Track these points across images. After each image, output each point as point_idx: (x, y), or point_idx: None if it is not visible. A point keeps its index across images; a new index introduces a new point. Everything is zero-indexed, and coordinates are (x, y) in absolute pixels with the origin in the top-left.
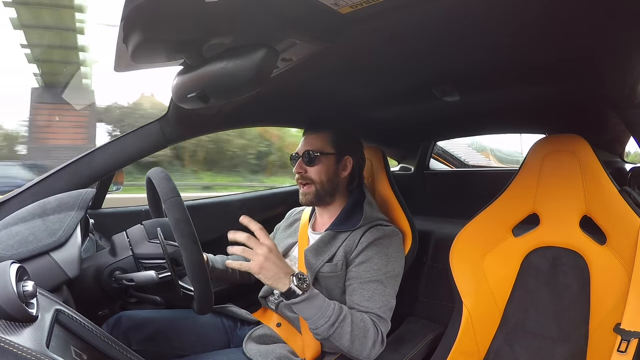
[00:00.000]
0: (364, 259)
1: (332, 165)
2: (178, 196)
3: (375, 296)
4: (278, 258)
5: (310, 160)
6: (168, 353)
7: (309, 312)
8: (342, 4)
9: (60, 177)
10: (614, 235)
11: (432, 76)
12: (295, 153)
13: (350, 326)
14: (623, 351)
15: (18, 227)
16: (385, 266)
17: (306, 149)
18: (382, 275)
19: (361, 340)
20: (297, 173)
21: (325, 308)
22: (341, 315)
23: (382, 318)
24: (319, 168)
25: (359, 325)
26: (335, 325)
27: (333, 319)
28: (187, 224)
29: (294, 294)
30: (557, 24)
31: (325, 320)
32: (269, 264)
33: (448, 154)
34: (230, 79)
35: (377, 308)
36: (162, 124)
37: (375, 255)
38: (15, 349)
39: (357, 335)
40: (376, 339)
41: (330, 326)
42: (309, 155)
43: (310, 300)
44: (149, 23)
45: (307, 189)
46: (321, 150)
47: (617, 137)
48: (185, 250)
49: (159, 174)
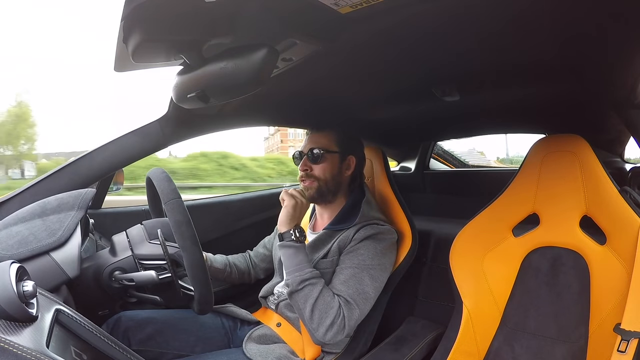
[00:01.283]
0: (353, 249)
1: (336, 163)
2: (179, 198)
3: (351, 281)
4: (299, 212)
5: (315, 158)
6: (168, 353)
7: (290, 261)
8: (342, 4)
9: (60, 177)
10: (614, 235)
11: (432, 76)
12: (299, 151)
13: (317, 294)
14: (623, 351)
15: (18, 227)
16: (371, 259)
17: (311, 146)
18: (364, 265)
19: (321, 314)
20: (303, 171)
21: (305, 265)
22: (314, 279)
23: (349, 302)
24: (323, 166)
25: (325, 299)
26: (305, 283)
27: (307, 277)
28: (188, 226)
29: (289, 237)
30: (558, 24)
31: (300, 275)
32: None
33: (448, 154)
34: (231, 79)
35: (348, 293)
36: (162, 124)
37: (364, 247)
38: (15, 349)
39: (319, 306)
40: (335, 321)
41: (300, 281)
42: (314, 153)
43: (296, 252)
44: (149, 23)
45: (309, 184)
46: (326, 148)
47: (617, 137)
48: (186, 252)
49: (159, 174)
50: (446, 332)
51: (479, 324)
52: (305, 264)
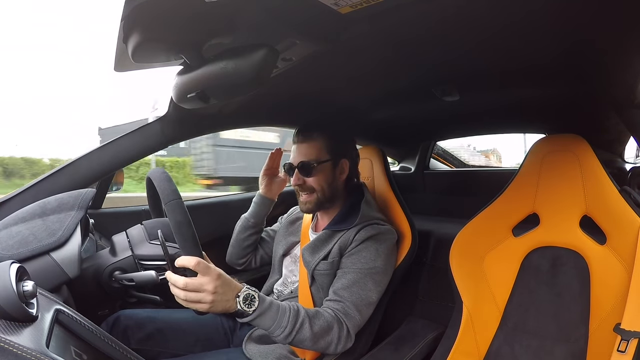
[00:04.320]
0: (355, 251)
1: (330, 171)
2: (179, 198)
3: (354, 287)
4: (225, 285)
5: (307, 171)
6: (167, 352)
7: (263, 324)
8: (342, 4)
9: (60, 177)
10: (614, 235)
11: (432, 76)
12: (288, 163)
13: (309, 330)
14: (623, 351)
15: (18, 227)
16: (373, 261)
17: (301, 160)
18: (366, 268)
19: (325, 339)
20: (297, 185)
21: (280, 318)
22: (297, 322)
23: (351, 312)
24: (317, 177)
25: (320, 326)
26: (293, 333)
27: (289, 328)
28: (188, 227)
29: (243, 314)
30: (558, 25)
31: (282, 331)
32: (217, 297)
33: (448, 154)
34: (231, 79)
35: (351, 300)
36: (162, 124)
37: (365, 249)
38: (15, 349)
39: (318, 335)
40: (341, 335)
41: (287, 335)
42: (305, 166)
43: (262, 316)
44: (149, 23)
45: (307, 197)
46: (317, 159)
47: (617, 137)
48: (187, 253)
49: (159, 174)
50: (446, 332)
51: (479, 324)
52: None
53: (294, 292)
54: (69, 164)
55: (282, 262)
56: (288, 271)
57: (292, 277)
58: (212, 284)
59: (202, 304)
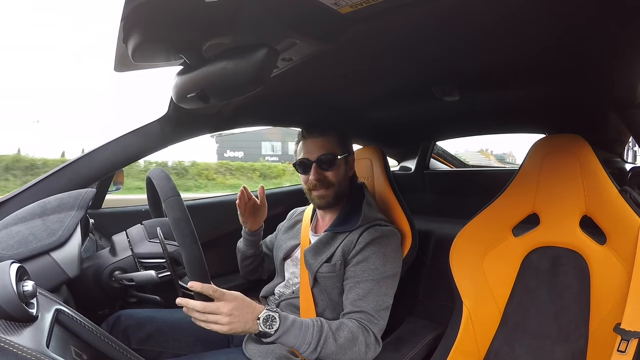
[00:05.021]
0: (362, 258)
1: (344, 165)
2: (178, 195)
3: (370, 296)
4: (241, 307)
5: (328, 164)
6: (167, 352)
7: (288, 342)
8: (342, 4)
9: (60, 177)
10: (614, 235)
11: (432, 76)
12: (304, 159)
13: (334, 343)
14: (623, 351)
15: (18, 227)
16: (383, 266)
17: (320, 153)
18: (378, 275)
19: (352, 349)
20: (316, 180)
21: (304, 334)
22: (322, 336)
23: (374, 318)
24: (336, 171)
25: (345, 337)
26: (319, 348)
27: (314, 343)
28: (187, 223)
29: (266, 334)
30: (558, 25)
31: (307, 347)
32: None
33: (448, 154)
34: (231, 79)
35: (370, 308)
36: (162, 124)
37: (372, 254)
38: (15, 349)
39: (345, 346)
40: (369, 342)
41: (313, 350)
42: (325, 159)
43: (285, 335)
44: (149, 23)
45: (324, 191)
46: (334, 152)
47: (617, 137)
48: (185, 250)
49: (159, 173)
50: (446, 332)
51: (479, 324)
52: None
53: (295, 293)
54: (69, 164)
55: (283, 265)
56: (290, 273)
57: (294, 279)
58: (227, 307)
59: (220, 325)
